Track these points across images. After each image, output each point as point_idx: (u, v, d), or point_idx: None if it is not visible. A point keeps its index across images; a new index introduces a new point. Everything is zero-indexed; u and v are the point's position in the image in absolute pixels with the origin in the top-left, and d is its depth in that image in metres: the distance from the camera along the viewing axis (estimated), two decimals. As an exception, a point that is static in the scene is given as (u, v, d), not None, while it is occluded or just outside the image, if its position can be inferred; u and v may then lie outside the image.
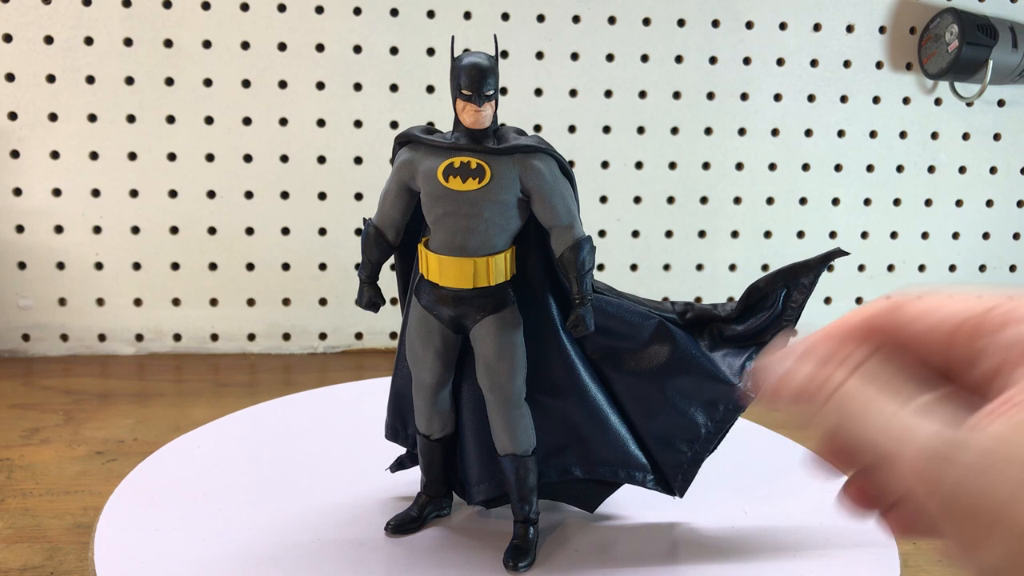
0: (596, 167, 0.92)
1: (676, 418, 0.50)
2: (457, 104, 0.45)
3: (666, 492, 0.52)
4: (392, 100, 0.88)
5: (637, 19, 0.89)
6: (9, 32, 0.83)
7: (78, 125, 0.85)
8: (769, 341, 0.50)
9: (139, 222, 0.88)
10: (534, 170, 0.45)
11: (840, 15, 0.91)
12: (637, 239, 0.94)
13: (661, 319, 0.50)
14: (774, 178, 0.94)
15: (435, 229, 0.47)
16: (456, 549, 0.50)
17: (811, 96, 0.93)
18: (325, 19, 0.86)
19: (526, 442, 0.49)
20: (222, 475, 0.58)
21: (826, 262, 0.49)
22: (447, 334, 0.48)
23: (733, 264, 0.96)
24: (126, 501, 0.54)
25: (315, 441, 0.63)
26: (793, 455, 0.63)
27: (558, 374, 0.50)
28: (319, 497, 0.55)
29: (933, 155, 0.96)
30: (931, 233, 0.98)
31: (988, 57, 0.88)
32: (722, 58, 0.91)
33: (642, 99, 0.91)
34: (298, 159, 0.88)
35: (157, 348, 0.91)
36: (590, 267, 0.47)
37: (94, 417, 0.74)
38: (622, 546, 0.51)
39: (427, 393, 0.50)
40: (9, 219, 0.86)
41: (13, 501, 0.60)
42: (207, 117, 0.86)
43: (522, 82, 0.89)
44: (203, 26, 0.85)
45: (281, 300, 0.91)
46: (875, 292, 0.98)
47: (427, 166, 0.46)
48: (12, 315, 0.88)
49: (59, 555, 0.53)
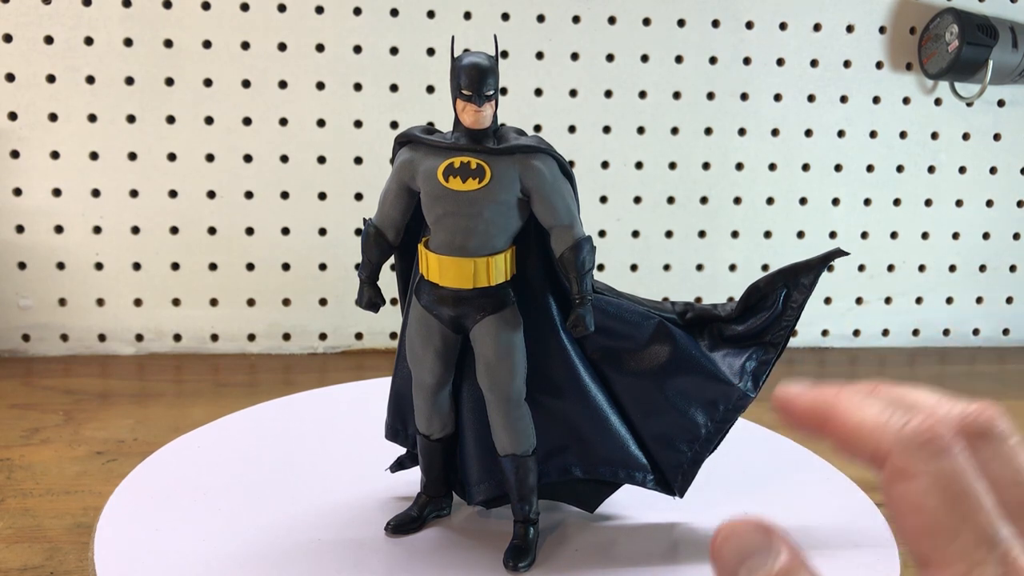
0: (596, 167, 0.92)
1: (676, 418, 0.50)
2: (457, 104, 0.45)
3: (666, 492, 0.52)
4: (392, 100, 0.88)
5: (637, 19, 0.89)
6: (9, 32, 0.83)
7: (78, 125, 0.85)
8: (769, 341, 0.50)
9: (139, 222, 0.88)
10: (534, 170, 0.45)
11: (840, 15, 0.91)
12: (637, 239, 0.94)
13: (661, 319, 0.50)
14: (774, 178, 0.94)
15: (435, 229, 0.47)
16: (456, 549, 0.50)
17: (811, 96, 0.93)
18: (325, 19, 0.86)
19: (526, 442, 0.49)
20: (222, 475, 0.58)
21: (826, 262, 0.49)
22: (447, 334, 0.48)
23: (733, 264, 0.96)
24: (126, 501, 0.54)
25: (315, 441, 0.63)
26: (793, 455, 0.63)
27: (558, 374, 0.50)
28: (319, 497, 0.55)
29: (933, 155, 0.96)
30: (931, 233, 0.98)
31: (988, 57, 0.88)
32: (722, 58, 0.91)
33: (642, 99, 0.91)
34: (298, 159, 0.88)
35: (157, 348, 0.91)
36: (590, 267, 0.47)
37: (94, 417, 0.74)
38: (622, 546, 0.51)
39: (427, 393, 0.50)
40: (9, 219, 0.86)
41: (13, 501, 0.60)
42: (207, 117, 0.86)
43: (522, 82, 0.89)
44: (203, 26, 0.85)
45: (281, 300, 0.91)
46: (875, 292, 0.98)
47: (427, 166, 0.46)
48: (12, 315, 0.88)
49: (59, 555, 0.53)
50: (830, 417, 0.24)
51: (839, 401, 0.24)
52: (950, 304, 1.00)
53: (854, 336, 0.99)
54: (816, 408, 0.25)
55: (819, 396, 0.25)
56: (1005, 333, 1.01)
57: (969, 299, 1.00)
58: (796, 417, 0.26)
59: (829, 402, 0.25)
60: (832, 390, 0.25)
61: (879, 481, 0.23)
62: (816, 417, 0.25)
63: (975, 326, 1.01)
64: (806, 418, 0.25)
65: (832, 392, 0.25)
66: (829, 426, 0.24)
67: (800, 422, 0.26)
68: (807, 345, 0.99)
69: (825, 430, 0.25)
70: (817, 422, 0.25)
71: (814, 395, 0.25)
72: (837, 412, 0.24)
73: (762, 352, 0.50)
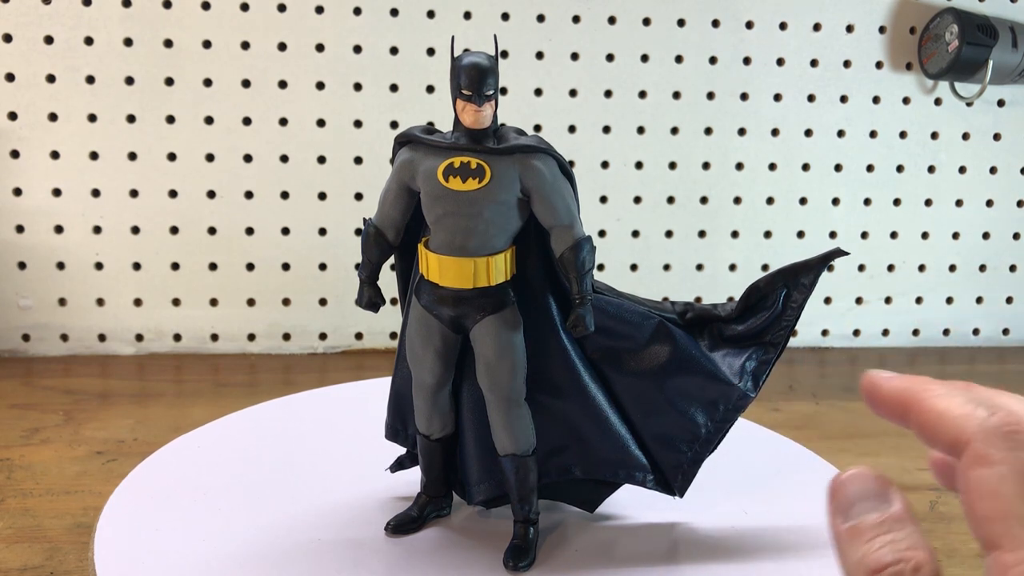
0: (596, 167, 0.92)
1: (676, 418, 0.50)
2: (457, 104, 0.45)
3: (666, 492, 0.52)
4: (392, 100, 0.88)
5: (637, 19, 0.89)
6: (9, 32, 0.83)
7: (78, 125, 0.85)
8: (769, 341, 0.50)
9: (139, 222, 0.88)
10: (534, 170, 0.45)
11: (840, 15, 0.91)
12: (637, 239, 0.94)
13: (661, 319, 0.50)
14: (774, 178, 0.94)
15: (435, 229, 0.47)
16: (456, 549, 0.50)
17: (811, 96, 0.93)
18: (325, 19, 0.86)
19: (526, 442, 0.49)
20: (222, 475, 0.58)
21: (826, 262, 0.49)
22: (447, 334, 0.48)
23: (733, 264, 0.96)
24: (126, 501, 0.54)
25: (315, 441, 0.63)
26: (793, 455, 0.63)
27: (558, 374, 0.50)
28: (319, 497, 0.55)
29: (933, 155, 0.96)
30: (931, 233, 0.98)
31: (988, 57, 0.88)
32: (722, 58, 0.91)
33: (642, 99, 0.91)
34: (298, 159, 0.88)
35: (157, 348, 0.91)
36: (590, 267, 0.47)
37: (94, 417, 0.74)
38: (622, 546, 0.51)
39: (427, 393, 0.50)
40: (9, 219, 0.87)
41: (13, 501, 0.60)
42: (207, 117, 0.86)
43: (522, 82, 0.89)
44: (203, 26, 0.85)
45: (281, 300, 0.91)
46: (875, 292, 0.98)
47: (427, 166, 0.46)
48: (12, 315, 0.88)
49: (59, 555, 0.53)
50: (915, 403, 0.25)
51: (927, 389, 0.25)
52: (950, 304, 1.00)
53: (854, 336, 0.99)
54: (903, 394, 0.25)
55: (907, 383, 0.26)
56: (1005, 333, 1.01)
57: (969, 299, 1.00)
58: (881, 401, 0.26)
59: (916, 389, 0.25)
60: (921, 379, 0.25)
61: (957, 467, 0.23)
62: (901, 403, 0.25)
63: (975, 326, 1.01)
64: (891, 402, 0.26)
65: (921, 380, 0.25)
66: (913, 412, 0.25)
67: (885, 406, 0.26)
68: (807, 345, 0.99)
69: (908, 416, 0.25)
70: (902, 408, 0.25)
71: (902, 381, 0.26)
72: (923, 399, 0.25)
73: (762, 352, 0.50)
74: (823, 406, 0.81)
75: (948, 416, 0.24)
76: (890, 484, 0.24)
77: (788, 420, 0.76)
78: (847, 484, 0.24)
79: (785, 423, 0.75)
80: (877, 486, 0.24)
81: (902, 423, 0.26)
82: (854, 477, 0.24)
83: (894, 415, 0.26)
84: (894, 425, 0.27)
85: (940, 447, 0.24)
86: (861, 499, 0.24)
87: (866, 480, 0.24)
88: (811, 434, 0.72)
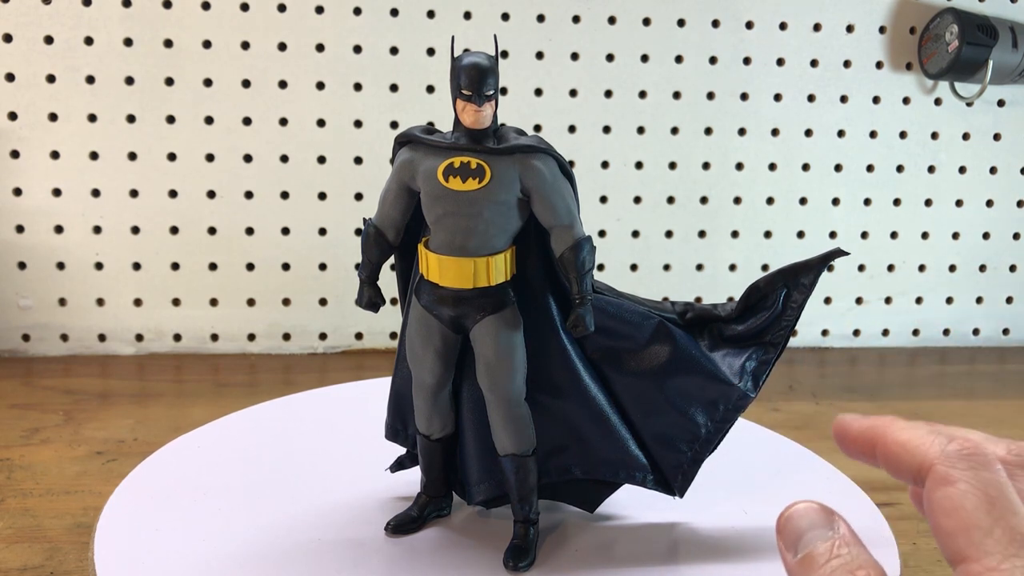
0: (596, 167, 0.92)
1: (676, 418, 0.50)
2: (457, 104, 0.45)
3: (666, 492, 0.52)
4: (392, 100, 0.88)
5: (637, 19, 0.89)
6: (9, 32, 0.83)
7: (78, 125, 0.85)
8: (769, 341, 0.50)
9: (139, 222, 0.88)
10: (534, 170, 0.45)
11: (840, 15, 0.91)
12: (637, 239, 0.94)
13: (661, 319, 0.50)
14: (774, 178, 0.94)
15: (435, 229, 0.47)
16: (456, 549, 0.50)
17: (811, 96, 0.93)
18: (325, 19, 0.86)
19: (526, 442, 0.49)
20: (222, 475, 0.58)
21: (826, 262, 0.49)
22: (447, 334, 0.48)
23: (733, 264, 0.96)
24: (126, 501, 0.54)
25: (315, 441, 0.63)
26: (793, 455, 0.63)
27: (558, 374, 0.50)
28: (319, 497, 0.55)
29: (933, 155, 0.96)
30: (931, 233, 0.98)
31: (988, 57, 0.88)
32: (722, 58, 0.91)
33: (642, 99, 0.91)
34: (298, 159, 0.88)
35: (157, 348, 0.91)
36: (590, 267, 0.47)
37: (94, 417, 0.74)
38: (622, 546, 0.51)
39: (427, 393, 0.50)
40: (9, 219, 0.87)
41: (13, 501, 0.60)
42: (207, 117, 0.86)
43: (522, 82, 0.89)
44: (203, 26, 0.85)
45: (281, 300, 0.91)
46: (875, 292, 0.98)
47: (427, 166, 0.46)
48: (12, 315, 0.88)
49: (59, 555, 0.53)
50: (880, 438, 0.26)
51: (891, 424, 0.27)
52: (950, 304, 1.00)
53: (854, 336, 0.99)
54: (869, 431, 0.27)
55: (873, 421, 0.27)
56: (1005, 333, 1.01)
57: (969, 299, 1.00)
58: (851, 441, 0.28)
59: (881, 426, 0.27)
60: (886, 418, 0.27)
61: (923, 491, 0.24)
62: (868, 439, 0.27)
63: (975, 326, 1.01)
64: (859, 441, 0.27)
65: (885, 419, 0.27)
66: (880, 446, 0.26)
67: (854, 445, 0.28)
68: (807, 345, 0.99)
69: (876, 451, 0.27)
70: (869, 445, 0.27)
71: (868, 421, 0.27)
72: (887, 433, 0.26)
73: (762, 352, 0.50)
74: (823, 406, 0.81)
75: (911, 446, 0.25)
76: (833, 512, 0.25)
77: (788, 420, 0.77)
78: (792, 519, 0.26)
79: (785, 423, 0.75)
80: (821, 516, 0.25)
81: (871, 461, 0.27)
82: (798, 511, 0.26)
83: (863, 453, 0.27)
84: None
85: (906, 476, 0.25)
86: (809, 530, 0.25)
87: (810, 512, 0.25)
88: (811, 434, 0.72)
